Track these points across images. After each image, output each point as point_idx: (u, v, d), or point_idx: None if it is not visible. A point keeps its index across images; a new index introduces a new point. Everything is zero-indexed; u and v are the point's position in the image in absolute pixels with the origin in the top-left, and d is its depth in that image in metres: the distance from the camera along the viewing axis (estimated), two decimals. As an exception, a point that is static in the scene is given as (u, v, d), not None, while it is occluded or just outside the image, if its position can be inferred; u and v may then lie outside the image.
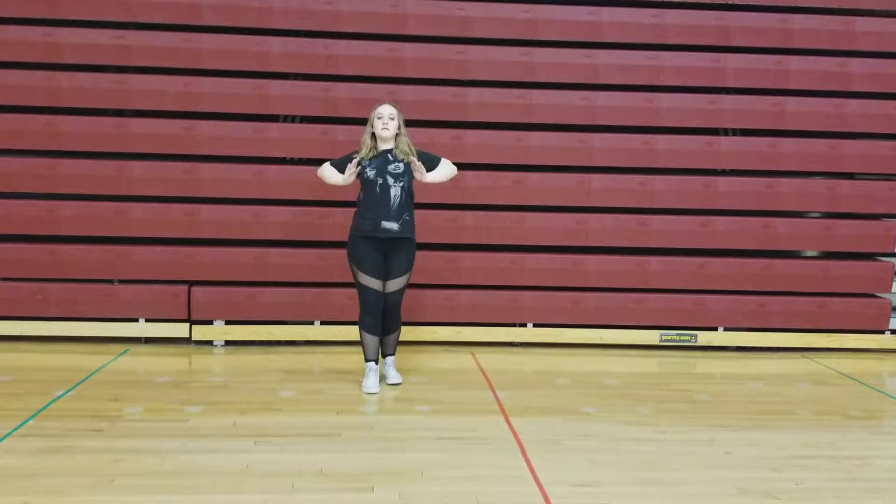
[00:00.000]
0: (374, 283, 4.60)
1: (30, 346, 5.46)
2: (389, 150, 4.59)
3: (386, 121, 4.55)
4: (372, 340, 4.69)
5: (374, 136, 4.59)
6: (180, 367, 5.20)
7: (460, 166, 5.75)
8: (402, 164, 4.56)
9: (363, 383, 4.68)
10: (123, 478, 3.34)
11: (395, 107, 4.63)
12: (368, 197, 4.55)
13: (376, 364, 4.71)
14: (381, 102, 4.65)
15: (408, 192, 4.60)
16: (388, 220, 4.52)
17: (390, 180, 4.52)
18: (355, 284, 4.69)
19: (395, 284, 4.66)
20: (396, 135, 4.59)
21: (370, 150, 4.59)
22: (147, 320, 5.61)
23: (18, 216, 5.54)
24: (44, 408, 4.18)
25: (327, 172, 4.73)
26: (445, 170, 4.78)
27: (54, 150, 5.56)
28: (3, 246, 5.55)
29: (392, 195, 4.52)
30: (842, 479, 3.60)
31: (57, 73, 5.52)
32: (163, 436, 3.84)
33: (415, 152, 4.62)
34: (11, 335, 5.53)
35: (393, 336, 4.82)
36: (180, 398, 4.44)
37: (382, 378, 4.82)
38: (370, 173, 4.54)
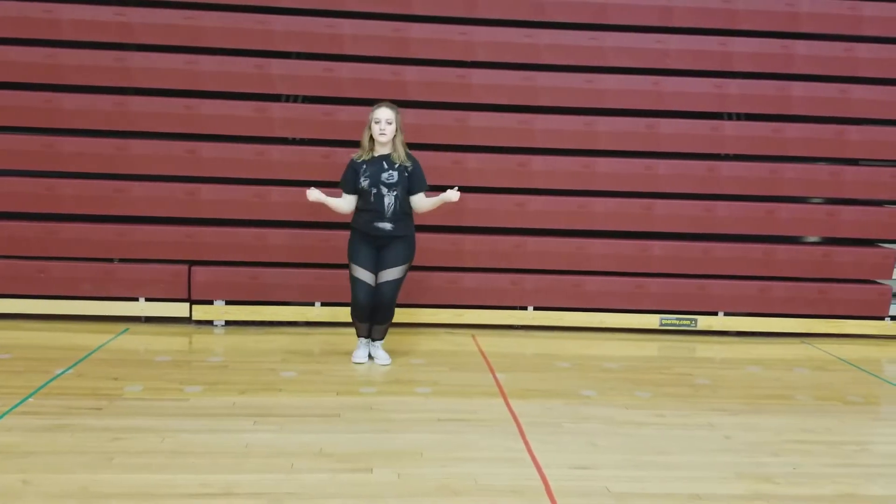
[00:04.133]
0: (365, 276, 4.62)
1: (30, 324, 5.46)
2: (386, 156, 4.57)
3: (383, 126, 4.47)
4: (361, 324, 4.84)
5: (371, 137, 4.57)
6: (180, 347, 5.21)
7: (463, 148, 5.77)
8: (395, 173, 4.53)
9: (353, 355, 4.89)
10: (122, 456, 3.35)
11: (393, 109, 4.52)
12: (364, 203, 4.59)
13: (365, 339, 4.91)
14: (380, 104, 4.55)
15: (402, 199, 4.57)
16: (381, 221, 4.56)
17: (384, 189, 4.52)
18: (350, 278, 4.71)
19: (387, 275, 4.64)
20: (393, 138, 4.55)
21: (367, 153, 4.58)
22: (147, 299, 5.61)
23: (18, 194, 5.52)
24: (43, 385, 4.19)
25: (342, 203, 4.67)
26: (423, 206, 4.67)
27: (54, 127, 5.53)
28: (3, 223, 5.54)
29: (386, 203, 4.54)
30: (840, 465, 3.60)
31: (58, 50, 5.48)
32: (162, 415, 3.84)
33: (411, 160, 4.60)
34: (12, 313, 5.53)
35: (383, 326, 4.85)
36: (180, 377, 4.45)
37: (372, 359, 4.92)
38: (364, 183, 4.53)
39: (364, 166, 4.57)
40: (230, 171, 5.63)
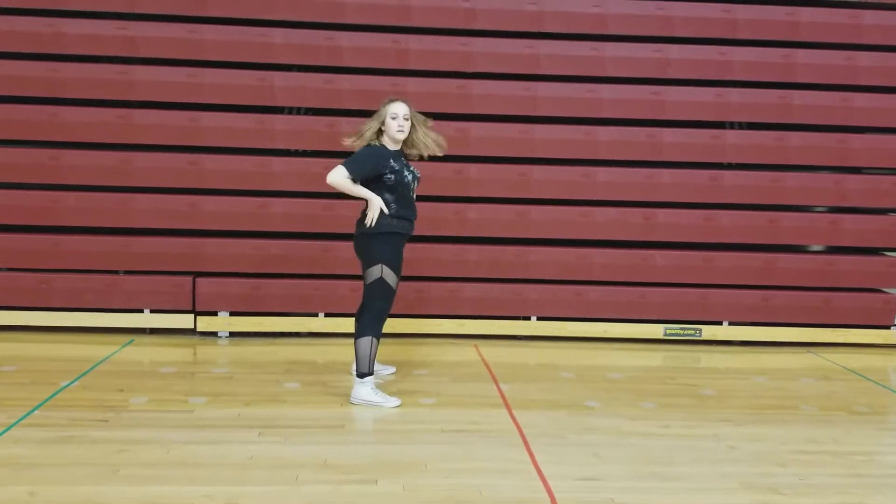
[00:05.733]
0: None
1: (34, 337, 5.47)
2: (401, 151, 4.31)
3: (401, 122, 4.19)
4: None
5: (380, 131, 4.23)
6: (185, 358, 5.21)
7: (465, 159, 5.78)
8: (415, 167, 4.35)
9: (378, 398, 4.25)
10: (128, 468, 3.35)
11: (409, 105, 4.26)
12: (405, 198, 4.22)
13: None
14: (394, 98, 4.28)
15: None
16: (415, 218, 4.33)
17: (414, 184, 4.29)
18: (379, 289, 4.19)
19: None
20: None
21: (393, 146, 4.24)
22: (152, 311, 5.61)
23: (22, 206, 5.54)
24: (49, 398, 4.19)
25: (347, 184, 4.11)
26: None
27: (58, 140, 5.56)
28: (7, 236, 5.55)
29: (414, 198, 4.33)
30: (846, 475, 3.59)
31: (61, 64, 5.51)
32: (167, 426, 3.84)
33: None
34: (16, 325, 5.54)
35: None
36: (185, 389, 4.45)
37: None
38: (408, 176, 4.21)
39: (392, 160, 4.18)
40: (232, 182, 5.65)
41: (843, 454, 3.84)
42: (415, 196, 4.32)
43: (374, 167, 4.14)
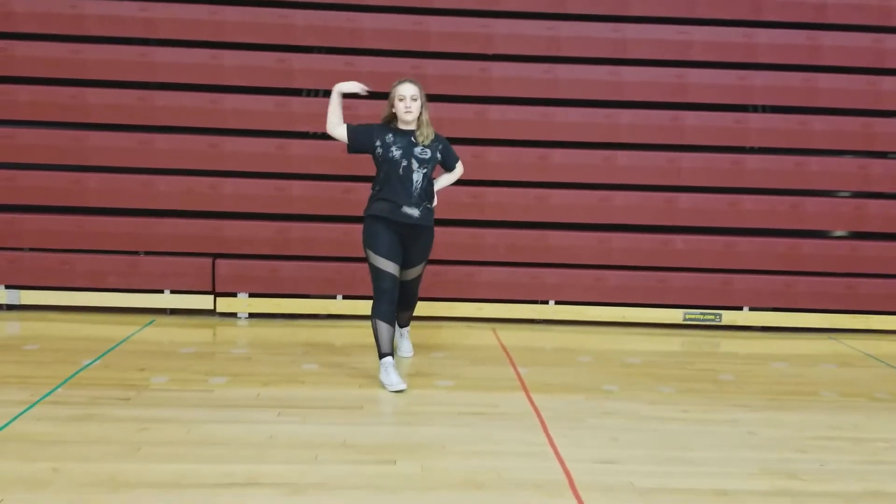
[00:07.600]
0: (389, 267, 4.22)
1: (57, 316, 5.54)
2: (412, 132, 4.24)
3: (408, 103, 4.15)
4: (388, 332, 4.25)
5: (393, 115, 4.25)
6: (205, 339, 5.25)
7: (484, 142, 5.76)
8: (428, 150, 4.23)
9: (385, 380, 4.22)
10: (149, 446, 3.38)
11: (416, 84, 4.20)
12: (389, 178, 4.19)
13: (392, 358, 4.30)
14: (402, 79, 4.22)
15: (429, 179, 4.28)
16: (408, 205, 4.21)
17: (415, 164, 4.18)
18: (369, 268, 4.30)
19: (413, 272, 4.46)
20: (419, 115, 4.21)
21: (405, 126, 4.23)
22: (172, 292, 5.66)
23: (45, 188, 5.59)
24: (72, 376, 4.24)
25: (337, 122, 4.23)
26: (457, 174, 4.56)
27: (80, 122, 5.60)
28: (30, 217, 5.61)
29: (414, 180, 4.19)
30: (867, 462, 3.56)
31: (83, 46, 5.54)
32: (188, 406, 3.88)
33: (440, 139, 4.33)
34: (39, 304, 5.62)
35: (408, 312, 4.73)
36: (205, 369, 4.49)
37: (395, 349, 4.68)
38: (395, 153, 4.15)
39: (391, 135, 4.20)
40: (252, 165, 5.67)
41: (863, 441, 3.80)
42: (416, 178, 4.19)
43: (366, 134, 4.25)
